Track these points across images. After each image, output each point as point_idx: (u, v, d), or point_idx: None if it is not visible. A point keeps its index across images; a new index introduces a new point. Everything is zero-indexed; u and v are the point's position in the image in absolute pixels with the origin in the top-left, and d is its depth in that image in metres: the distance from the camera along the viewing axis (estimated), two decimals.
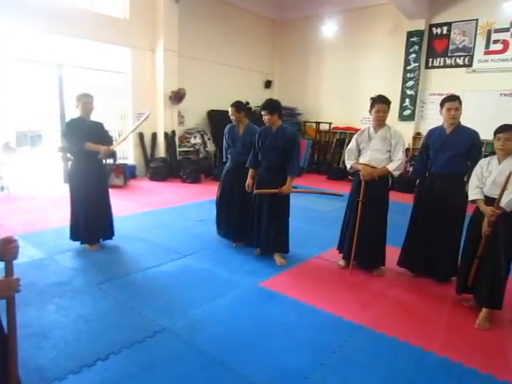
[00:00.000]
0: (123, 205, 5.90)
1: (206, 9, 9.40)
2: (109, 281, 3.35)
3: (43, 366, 2.22)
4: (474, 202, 2.97)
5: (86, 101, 3.87)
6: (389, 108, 3.54)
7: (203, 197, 6.78)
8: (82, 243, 4.08)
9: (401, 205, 4.72)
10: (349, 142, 3.73)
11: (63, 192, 6.89)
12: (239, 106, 4.30)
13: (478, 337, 2.72)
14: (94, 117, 4.05)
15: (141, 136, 8.57)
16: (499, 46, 8.16)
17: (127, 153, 8.68)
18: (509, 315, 3.00)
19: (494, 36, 8.20)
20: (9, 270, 1.44)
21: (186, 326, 2.71)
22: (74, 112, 3.90)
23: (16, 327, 1.47)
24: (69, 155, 4.35)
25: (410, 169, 7.95)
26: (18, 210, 5.47)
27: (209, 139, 9.42)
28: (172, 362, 2.31)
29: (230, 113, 4.29)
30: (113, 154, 4.26)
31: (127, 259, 3.88)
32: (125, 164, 7.95)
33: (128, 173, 7.84)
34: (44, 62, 7.10)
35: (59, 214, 5.35)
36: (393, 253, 3.77)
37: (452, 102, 3.31)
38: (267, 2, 10.73)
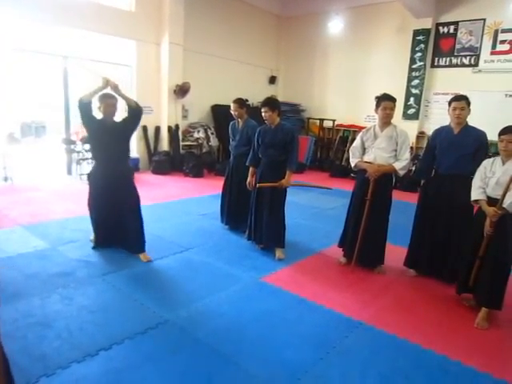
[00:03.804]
0: None
1: (212, 3, 9.37)
2: (112, 272, 3.39)
3: (47, 355, 2.25)
4: (476, 202, 2.98)
5: (108, 103, 3.50)
6: (395, 106, 3.53)
7: (206, 191, 6.81)
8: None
9: (402, 203, 4.73)
10: (352, 139, 3.74)
11: (66, 184, 6.94)
12: (242, 102, 4.63)
13: (476, 336, 2.74)
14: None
15: (144, 129, 8.58)
16: (506, 47, 8.12)
17: (130, 146, 8.68)
18: (507, 315, 3.01)
19: (501, 36, 8.16)
20: None
21: (187, 318, 2.74)
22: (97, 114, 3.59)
23: None
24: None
25: (413, 168, 7.95)
26: (22, 201, 5.51)
27: (212, 134, 9.43)
28: (174, 354, 2.34)
29: (232, 108, 4.58)
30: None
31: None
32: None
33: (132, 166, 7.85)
34: (49, 53, 7.11)
35: (63, 206, 5.40)
36: (394, 251, 3.79)
37: (458, 101, 3.31)
38: None
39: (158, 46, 8.48)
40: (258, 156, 3.99)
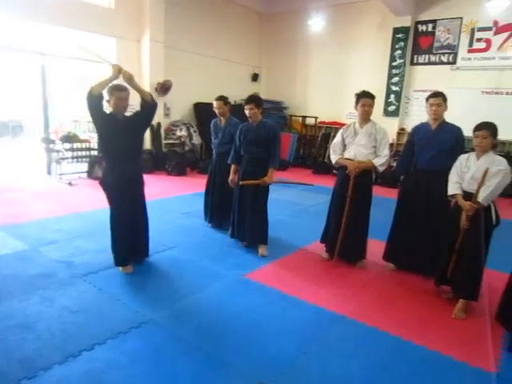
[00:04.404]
0: None
1: (194, 0, 9.31)
2: (94, 273, 3.35)
3: (28, 357, 2.22)
4: (452, 196, 3.06)
5: (120, 96, 3.13)
6: (374, 102, 3.59)
7: (188, 190, 6.78)
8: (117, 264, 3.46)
9: (384, 199, 4.81)
10: (334, 136, 3.79)
11: (46, 184, 6.81)
12: (226, 99, 4.61)
13: (454, 327, 2.82)
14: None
15: None
16: (482, 45, 8.32)
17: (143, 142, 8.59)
18: (483, 306, 3.10)
19: (478, 34, 8.36)
20: None
21: (171, 317, 2.74)
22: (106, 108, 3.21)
23: None
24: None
25: (394, 164, 8.07)
26: (0, 202, 5.38)
27: (195, 132, 9.39)
28: (157, 353, 2.34)
29: (215, 106, 4.59)
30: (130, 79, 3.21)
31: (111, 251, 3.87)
32: None
33: None
34: (26, 50, 6.95)
35: (43, 206, 5.30)
36: (375, 246, 3.85)
37: (435, 98, 3.39)
38: None
39: (138, 44, 8.38)
40: (239, 154, 4.00)
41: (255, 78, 11.49)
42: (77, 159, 7.68)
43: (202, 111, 9.42)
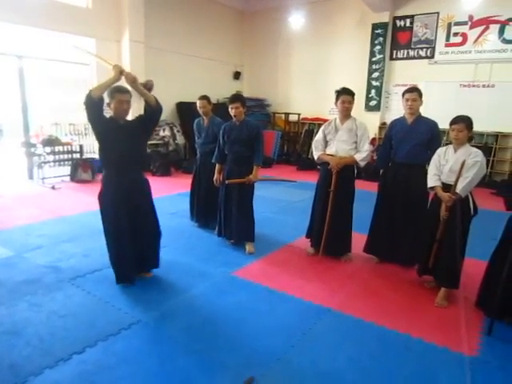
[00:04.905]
0: (92, 200, 5.78)
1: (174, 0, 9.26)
2: (81, 276, 3.35)
3: (17, 363, 2.22)
4: (432, 188, 3.16)
5: (121, 99, 2.92)
6: (353, 99, 3.66)
7: (174, 190, 6.77)
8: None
9: (366, 193, 4.90)
10: (318, 132, 3.85)
11: (28, 188, 6.71)
12: (209, 98, 4.63)
13: (437, 314, 2.92)
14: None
15: None
16: (458, 39, 8.51)
17: (94, 147, 8.50)
18: (464, 293, 3.22)
19: (454, 29, 8.55)
20: None
21: (161, 317, 2.76)
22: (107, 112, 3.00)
23: None
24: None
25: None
26: None
27: (178, 131, 9.37)
28: (148, 353, 2.36)
29: (199, 105, 4.57)
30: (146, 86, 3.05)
31: (99, 254, 3.84)
32: (92, 158, 7.80)
33: (96, 167, 7.69)
34: (2, 53, 6.81)
35: (25, 211, 5.24)
36: (359, 239, 3.94)
37: (410, 93, 3.48)
38: None
39: (118, 44, 8.30)
40: (224, 153, 4.03)
41: (237, 76, 11.51)
42: (59, 163, 7.59)
43: (185, 111, 9.40)
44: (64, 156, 7.59)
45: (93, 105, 2.82)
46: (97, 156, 8.10)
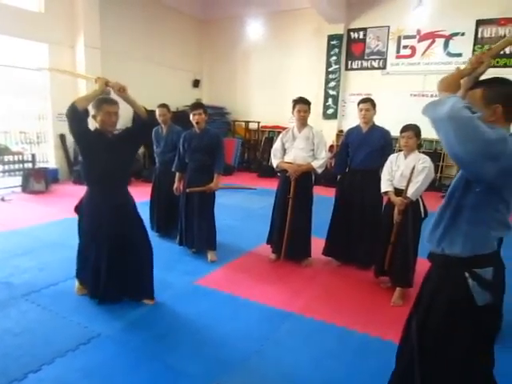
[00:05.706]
0: (46, 211, 5.56)
1: (131, 5, 9.14)
2: (36, 292, 3.20)
3: None
4: (385, 193, 3.32)
5: (108, 110, 2.77)
6: (309, 108, 3.80)
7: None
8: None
9: (325, 198, 5.04)
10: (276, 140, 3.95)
11: None
12: (168, 107, 4.61)
13: (393, 313, 3.06)
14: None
15: (62, 138, 8.09)
16: (408, 52, 9.00)
17: (47, 156, 8.17)
18: (417, 292, 3.38)
19: (404, 42, 9.02)
20: None
21: (122, 329, 2.70)
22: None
23: None
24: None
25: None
26: None
27: None
28: (111, 366, 2.30)
29: (158, 113, 4.50)
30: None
31: (54, 268, 3.69)
32: (45, 168, 7.50)
33: (49, 177, 7.39)
34: None
35: None
36: (319, 244, 4.05)
37: (364, 103, 3.68)
38: (193, 1, 10.71)
39: (72, 49, 8.06)
40: (184, 161, 4.02)
41: (196, 84, 11.48)
42: (9, 173, 7.23)
43: None
44: (15, 166, 7.24)
45: (77, 117, 2.66)
46: (51, 165, 7.90)
